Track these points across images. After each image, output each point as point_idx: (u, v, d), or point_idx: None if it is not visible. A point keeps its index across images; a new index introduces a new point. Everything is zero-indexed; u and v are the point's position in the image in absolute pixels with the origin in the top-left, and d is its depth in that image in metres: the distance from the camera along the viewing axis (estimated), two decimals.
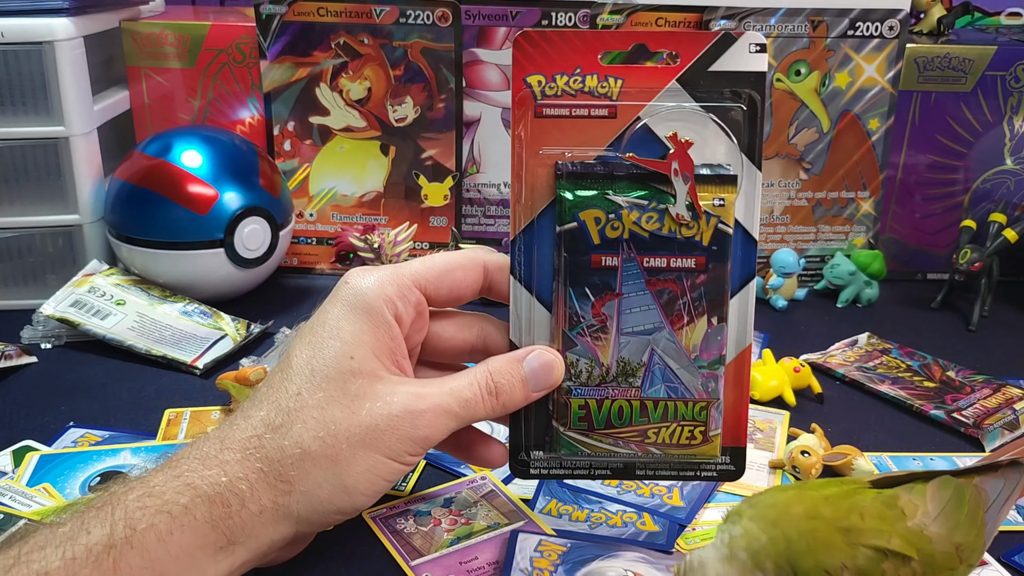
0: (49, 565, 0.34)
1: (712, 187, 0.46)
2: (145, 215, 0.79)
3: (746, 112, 0.46)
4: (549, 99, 0.46)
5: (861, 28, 0.86)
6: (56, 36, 0.77)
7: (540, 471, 0.50)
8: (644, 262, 0.46)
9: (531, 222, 0.47)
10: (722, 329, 0.47)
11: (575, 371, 0.48)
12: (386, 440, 0.42)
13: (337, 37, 0.86)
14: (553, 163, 0.46)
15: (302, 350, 0.43)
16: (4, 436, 0.62)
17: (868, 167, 0.90)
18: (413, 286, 0.46)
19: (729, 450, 0.49)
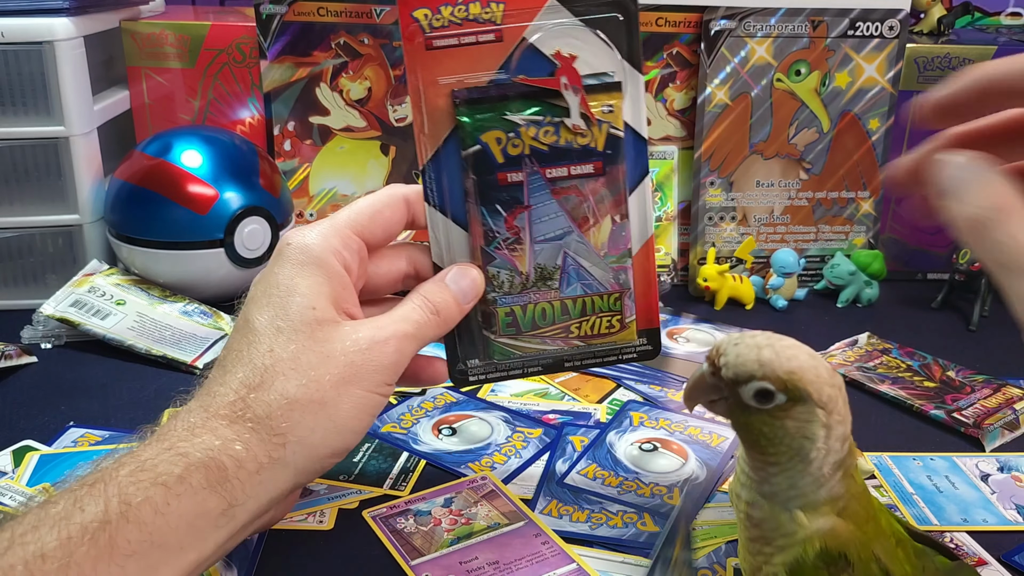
0: (45, 546, 0.34)
1: (600, 95, 0.49)
2: (145, 215, 0.79)
3: (622, 20, 0.49)
4: (437, 31, 0.48)
5: (861, 28, 0.86)
6: (56, 36, 0.77)
7: (478, 377, 0.53)
8: (547, 173, 0.50)
9: (437, 150, 0.49)
10: (625, 225, 0.51)
11: (497, 282, 0.51)
12: (363, 374, 0.43)
13: (337, 37, 0.86)
14: (450, 91, 0.48)
15: (261, 311, 0.44)
16: (4, 436, 0.62)
17: (868, 167, 0.90)
18: (353, 234, 0.47)
19: (645, 332, 0.54)
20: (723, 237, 0.91)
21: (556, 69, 0.49)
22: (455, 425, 0.64)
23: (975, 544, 0.53)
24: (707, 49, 0.86)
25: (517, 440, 0.63)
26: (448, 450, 0.61)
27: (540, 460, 0.60)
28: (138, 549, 0.36)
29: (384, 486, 0.57)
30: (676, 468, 0.60)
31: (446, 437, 0.63)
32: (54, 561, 0.34)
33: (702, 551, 0.52)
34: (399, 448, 0.61)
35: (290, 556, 0.51)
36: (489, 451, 0.61)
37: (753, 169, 0.90)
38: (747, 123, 0.88)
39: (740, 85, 0.87)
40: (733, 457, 0.61)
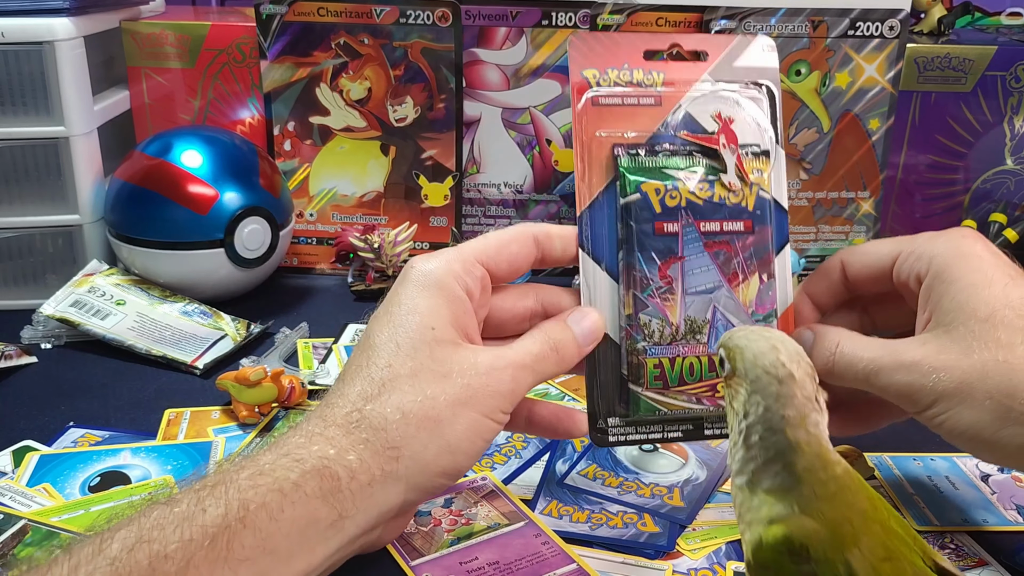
0: (167, 547, 0.35)
1: (750, 160, 0.52)
2: (145, 215, 0.79)
3: (767, 100, 0.53)
4: (603, 90, 0.51)
5: (861, 28, 0.86)
6: (56, 36, 0.77)
7: (618, 438, 0.52)
8: (701, 227, 0.51)
9: (595, 198, 0.51)
10: (772, 285, 0.52)
11: (648, 331, 0.51)
12: (479, 398, 0.44)
13: (337, 37, 0.86)
14: (611, 145, 0.51)
15: (381, 329, 0.45)
16: (4, 436, 0.62)
17: (868, 167, 0.90)
18: (476, 262, 0.48)
19: None
20: None
21: (716, 129, 0.51)
22: None
23: (975, 544, 0.53)
24: None
25: (517, 441, 0.63)
26: None
27: (540, 461, 0.60)
28: (251, 555, 0.37)
29: None
30: (676, 468, 0.60)
31: None
32: (174, 563, 0.35)
33: (702, 551, 0.52)
34: None
35: None
36: (489, 451, 0.61)
37: None
38: None
39: None
40: None
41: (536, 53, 0.88)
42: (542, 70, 0.88)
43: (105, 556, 0.35)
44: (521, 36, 0.87)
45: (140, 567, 0.34)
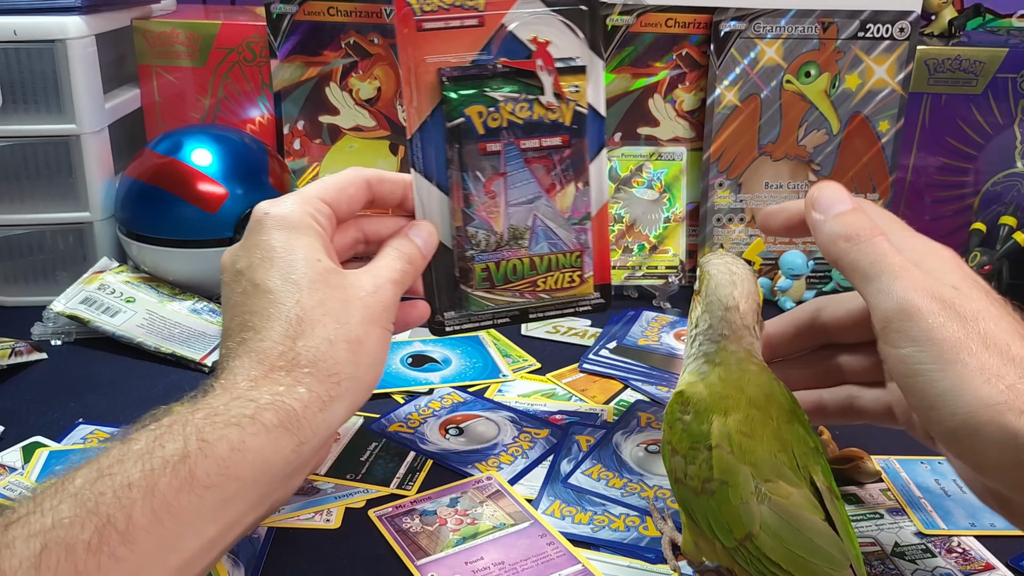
0: (131, 476, 0.36)
1: (568, 77, 0.56)
2: (156, 213, 0.79)
3: (586, 11, 0.56)
4: (427, 14, 0.54)
5: (872, 30, 0.85)
6: (68, 34, 0.77)
7: (453, 327, 0.59)
8: (521, 144, 0.56)
9: (424, 121, 0.55)
10: (587, 191, 0.59)
11: (475, 241, 0.57)
12: (376, 313, 0.48)
13: (347, 37, 0.87)
14: (437, 69, 0.54)
15: (268, 273, 0.47)
16: (14, 432, 0.63)
17: (877, 169, 0.90)
18: (321, 201, 0.51)
19: (599, 287, 0.61)
20: (731, 239, 0.91)
21: (532, 52, 0.56)
22: (462, 425, 0.65)
23: (983, 548, 0.53)
24: (717, 50, 0.86)
25: (524, 440, 0.63)
26: (455, 450, 0.62)
27: (547, 460, 0.61)
28: (216, 482, 0.38)
29: (391, 485, 0.57)
30: None
31: (453, 437, 0.63)
32: (139, 490, 0.36)
33: None
34: (406, 448, 0.62)
35: (297, 554, 0.51)
36: (496, 451, 0.62)
37: (762, 171, 0.90)
38: (756, 124, 0.88)
39: (749, 86, 0.87)
40: None
41: None
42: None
43: (68, 491, 0.36)
44: None
45: (104, 496, 0.36)
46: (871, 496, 0.58)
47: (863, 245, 0.44)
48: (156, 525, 0.36)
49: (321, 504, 0.56)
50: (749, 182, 0.90)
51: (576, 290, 0.60)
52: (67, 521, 0.35)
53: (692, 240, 0.92)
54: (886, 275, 0.42)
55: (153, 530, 0.36)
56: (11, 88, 0.78)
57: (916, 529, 0.55)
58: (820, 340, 0.54)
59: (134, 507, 0.36)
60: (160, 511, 0.36)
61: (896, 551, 0.53)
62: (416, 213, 0.56)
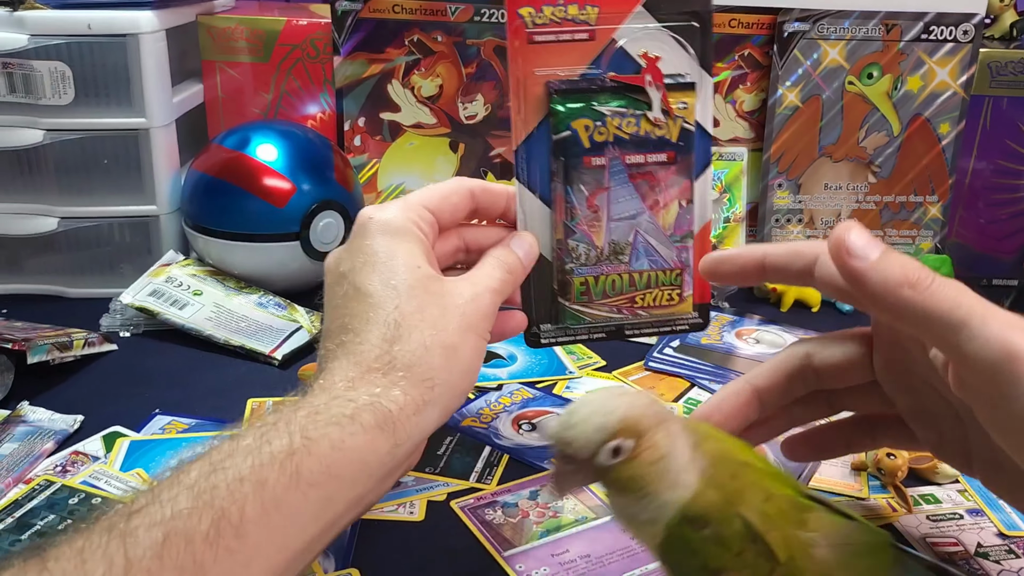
0: (241, 471, 0.37)
1: (676, 93, 0.55)
2: (223, 207, 0.80)
3: (697, 28, 0.55)
4: (539, 27, 0.53)
5: (935, 32, 0.85)
6: (141, 29, 0.78)
7: (549, 340, 0.59)
8: (626, 159, 0.55)
9: (530, 133, 0.55)
10: (690, 209, 0.58)
11: (575, 255, 0.57)
12: (474, 321, 0.48)
13: (411, 34, 0.87)
14: (545, 82, 0.54)
15: (369, 277, 0.47)
16: (92, 422, 0.63)
17: (937, 171, 0.90)
18: (424, 209, 0.52)
19: (698, 306, 0.60)
20: (789, 239, 0.91)
21: (642, 68, 0.55)
22: (535, 420, 0.65)
23: None
24: (780, 51, 0.86)
25: None
26: (530, 445, 0.62)
27: None
28: (319, 480, 0.39)
29: (470, 479, 0.58)
30: None
31: (527, 432, 0.64)
32: (250, 484, 0.37)
33: None
34: (481, 442, 0.62)
35: (384, 546, 0.52)
36: None
37: (821, 172, 0.90)
38: (817, 125, 0.88)
39: (811, 87, 0.87)
40: None
41: None
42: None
43: (184, 484, 0.37)
44: None
45: (218, 490, 0.37)
46: (949, 497, 0.58)
47: (932, 289, 0.39)
48: (265, 520, 0.37)
49: (404, 497, 0.56)
50: (808, 183, 0.90)
51: (674, 308, 0.59)
52: (185, 512, 0.36)
53: (751, 240, 0.92)
54: (974, 318, 0.38)
55: (263, 524, 0.37)
56: (83, 81, 0.79)
57: (997, 530, 0.55)
58: (812, 387, 0.50)
59: (246, 501, 0.37)
60: (269, 506, 0.37)
61: (980, 552, 0.53)
62: (518, 224, 0.56)
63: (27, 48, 0.77)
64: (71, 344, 0.70)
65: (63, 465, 0.58)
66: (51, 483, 0.56)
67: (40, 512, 0.53)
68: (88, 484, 0.56)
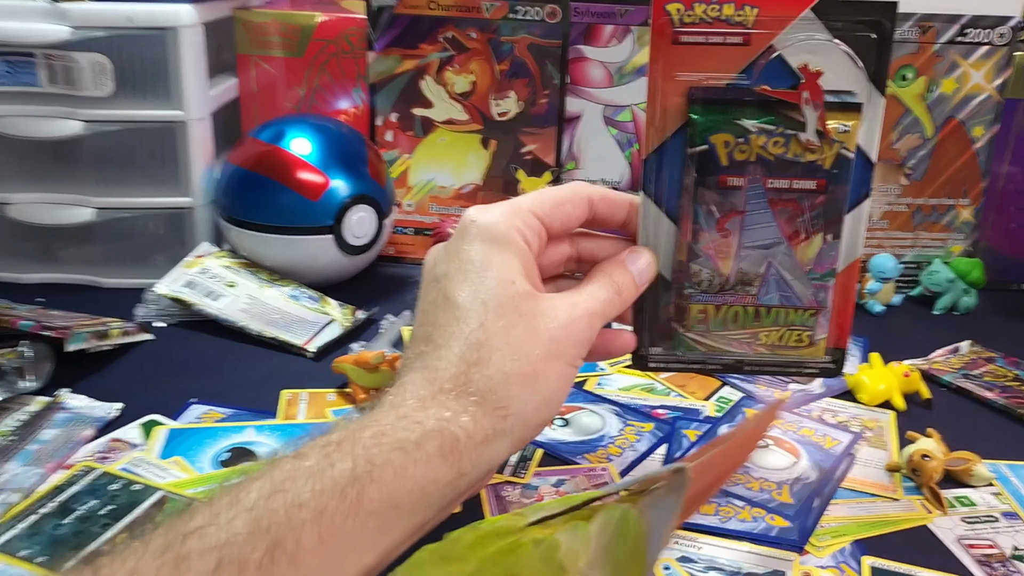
0: (301, 496, 0.37)
1: (838, 114, 0.48)
2: (257, 199, 0.80)
3: (874, 39, 0.48)
4: (687, 26, 0.48)
5: (971, 34, 0.85)
6: (180, 22, 0.79)
7: (658, 364, 0.54)
8: (768, 183, 0.50)
9: (663, 143, 0.50)
10: (836, 245, 0.51)
11: (697, 279, 0.52)
12: (564, 348, 0.46)
13: (445, 31, 0.88)
14: (686, 88, 0.49)
15: (460, 287, 0.45)
16: (132, 410, 0.64)
17: (970, 174, 0.90)
18: (533, 215, 0.49)
19: (831, 351, 0.54)
20: None
21: (800, 83, 0.48)
22: (567, 416, 0.65)
23: None
24: None
25: (630, 433, 0.63)
26: (563, 440, 0.62)
27: (656, 453, 0.61)
28: (378, 508, 0.38)
29: (505, 472, 0.58)
30: (787, 466, 0.60)
31: (559, 427, 0.64)
32: (309, 511, 0.36)
33: (827, 550, 0.52)
34: None
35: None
36: (604, 443, 0.62)
37: None
38: None
39: None
40: (851, 455, 0.61)
41: (641, 51, 0.88)
42: (646, 69, 0.89)
43: (243, 504, 0.36)
44: (628, 34, 0.88)
45: (276, 515, 0.36)
46: (984, 500, 0.58)
47: None
48: (321, 549, 0.36)
49: None
50: None
51: (802, 351, 0.53)
52: (241, 538, 0.35)
53: None
54: None
55: (318, 553, 0.36)
56: (122, 74, 0.79)
57: None
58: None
59: (303, 529, 0.36)
60: (326, 535, 0.36)
61: (1016, 555, 0.53)
62: (638, 238, 0.51)
63: (69, 40, 0.77)
64: (108, 333, 0.71)
65: (103, 452, 0.59)
66: (92, 469, 0.57)
67: (82, 498, 0.54)
68: (128, 471, 0.57)
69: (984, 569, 0.51)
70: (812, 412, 0.67)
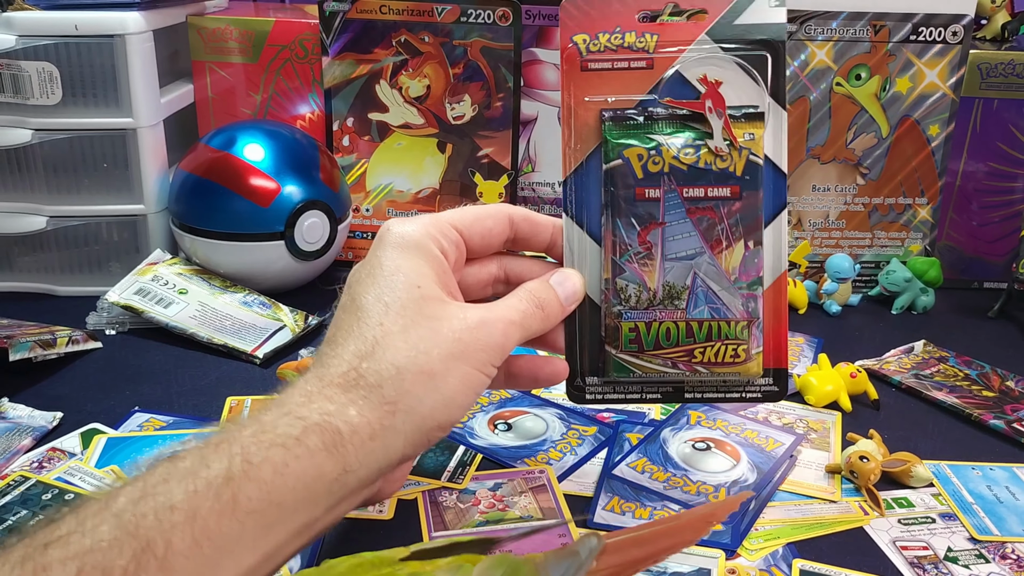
0: (173, 498, 0.35)
1: (742, 123, 0.51)
2: (209, 206, 0.80)
3: (769, 58, 0.51)
4: (593, 55, 0.51)
5: (924, 33, 0.85)
6: (127, 29, 0.79)
7: (595, 396, 0.54)
8: (684, 192, 0.51)
9: (580, 164, 0.52)
10: (758, 252, 0.52)
11: (624, 296, 0.52)
12: (470, 351, 0.45)
13: (398, 35, 0.87)
14: (597, 110, 0.51)
15: (367, 290, 0.46)
16: (72, 419, 0.64)
17: (926, 173, 0.89)
18: (451, 226, 0.49)
19: (772, 371, 0.53)
20: None
21: (702, 93, 0.51)
22: (510, 420, 0.65)
23: None
24: None
25: (572, 437, 0.63)
26: (504, 444, 0.62)
27: (596, 457, 0.61)
28: (258, 507, 0.37)
29: (442, 478, 0.58)
30: (726, 469, 0.60)
31: (502, 432, 0.64)
32: (181, 513, 0.35)
33: (759, 553, 0.52)
34: (456, 442, 0.62)
35: (351, 544, 0.52)
36: (544, 447, 0.62)
37: (809, 173, 0.89)
38: (804, 127, 0.88)
39: (799, 89, 0.87)
40: (792, 457, 0.61)
41: None
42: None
43: (111, 510, 0.35)
44: None
45: (145, 518, 0.35)
46: (923, 500, 0.58)
47: None
48: (195, 551, 0.35)
49: None
50: (796, 185, 0.89)
51: (739, 367, 0.52)
52: (105, 544, 0.34)
53: None
54: None
55: (192, 556, 0.35)
56: (70, 82, 0.79)
57: (969, 535, 0.55)
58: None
59: (174, 532, 0.35)
60: (200, 537, 0.35)
61: (949, 556, 0.53)
62: (564, 261, 0.52)
63: (15, 48, 0.77)
64: (54, 341, 0.71)
65: (39, 461, 0.59)
66: (26, 479, 0.56)
67: (13, 508, 0.54)
68: (62, 480, 0.57)
69: (915, 571, 0.51)
70: (758, 414, 0.67)
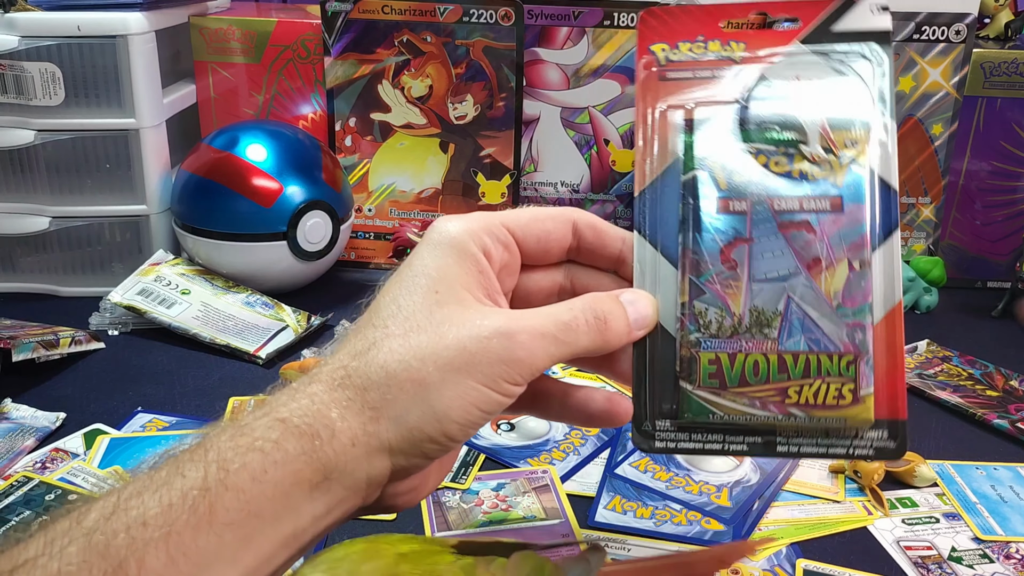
0: (147, 512, 0.33)
1: (843, 131, 0.44)
2: (211, 207, 0.80)
3: (873, 63, 0.45)
4: (673, 64, 0.45)
5: (927, 32, 0.85)
6: (130, 30, 0.79)
7: (666, 444, 0.44)
8: (775, 205, 0.43)
9: (656, 178, 0.45)
10: (865, 274, 0.43)
11: (704, 321, 0.43)
12: (478, 364, 0.39)
13: (401, 35, 0.87)
14: (677, 120, 0.45)
15: (388, 290, 0.42)
16: (75, 419, 0.64)
17: (930, 172, 0.89)
18: (502, 226, 0.44)
19: (885, 423, 0.43)
20: None
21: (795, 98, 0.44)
22: (513, 420, 0.65)
23: None
24: None
25: (575, 437, 0.63)
26: (507, 445, 0.62)
27: (599, 457, 0.61)
28: (236, 518, 0.34)
29: (446, 478, 0.58)
30: (729, 469, 0.60)
31: (505, 432, 0.64)
32: (155, 529, 0.33)
33: (763, 553, 0.52)
34: None
35: None
36: (548, 447, 0.62)
37: None
38: None
39: None
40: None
41: (597, 53, 0.88)
42: (602, 70, 0.89)
43: (81, 528, 0.33)
44: (583, 36, 0.88)
45: (117, 536, 0.32)
46: (927, 500, 0.58)
47: None
48: (171, 569, 0.32)
49: None
50: None
51: (845, 411, 0.43)
52: (74, 568, 0.31)
53: None
54: None
55: (167, 575, 0.33)
56: (73, 82, 0.79)
57: (973, 534, 0.54)
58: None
59: (147, 549, 0.32)
60: (176, 554, 0.33)
61: (953, 556, 0.53)
62: (634, 282, 0.45)
63: (17, 49, 0.77)
64: (57, 342, 0.71)
65: (43, 462, 0.59)
66: (29, 479, 0.56)
67: (16, 508, 0.54)
68: (65, 481, 0.57)
69: (919, 571, 0.51)
70: None
